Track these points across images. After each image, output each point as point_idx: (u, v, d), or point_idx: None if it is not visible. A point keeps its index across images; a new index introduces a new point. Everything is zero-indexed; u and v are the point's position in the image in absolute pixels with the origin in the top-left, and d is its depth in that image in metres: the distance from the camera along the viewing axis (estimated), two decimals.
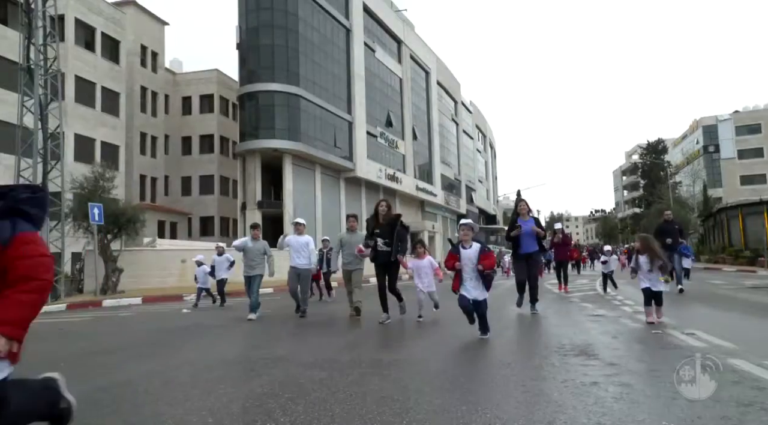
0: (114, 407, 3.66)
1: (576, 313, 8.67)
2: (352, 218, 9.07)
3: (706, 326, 6.62)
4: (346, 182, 38.15)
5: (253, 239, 9.64)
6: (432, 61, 54.22)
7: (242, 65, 33.46)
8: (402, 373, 4.49)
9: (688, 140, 73.45)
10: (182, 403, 3.63)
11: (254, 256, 9.51)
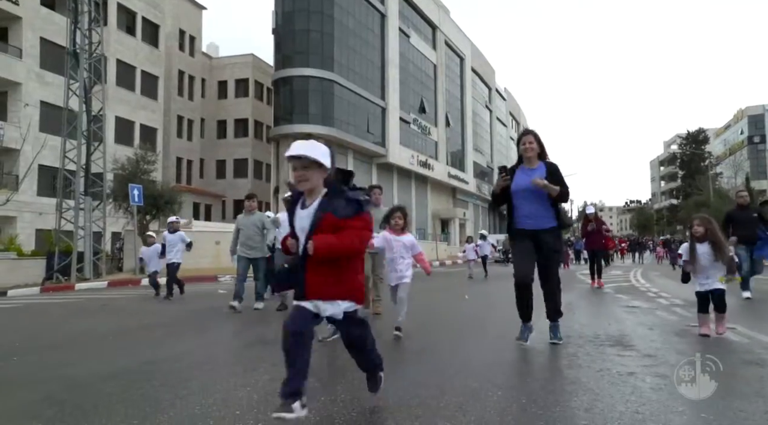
0: (163, 379, 3.84)
1: (610, 304, 8.60)
2: (377, 190, 7.21)
3: (745, 320, 6.50)
4: (378, 168, 38.22)
5: (247, 213, 8.05)
6: (467, 47, 53.57)
7: (277, 50, 33.71)
8: (436, 358, 4.56)
9: (731, 130, 71.06)
10: (227, 379, 3.78)
11: (251, 233, 7.89)
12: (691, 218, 5.65)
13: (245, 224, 7.95)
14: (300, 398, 2.67)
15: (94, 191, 18.03)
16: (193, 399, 3.25)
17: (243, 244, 7.97)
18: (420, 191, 44.04)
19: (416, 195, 43.28)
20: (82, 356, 4.96)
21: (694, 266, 5.40)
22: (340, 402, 3.19)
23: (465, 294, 10.95)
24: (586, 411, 2.99)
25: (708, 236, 5.29)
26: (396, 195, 40.07)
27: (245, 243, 7.96)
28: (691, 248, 5.42)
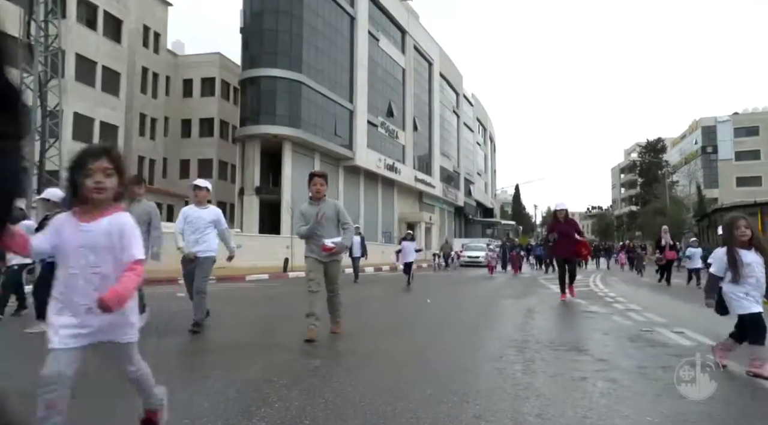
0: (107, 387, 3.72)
1: (568, 309, 8.77)
2: (318, 179, 5.70)
3: (695, 325, 6.71)
4: (345, 171, 38.12)
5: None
6: (435, 52, 54.01)
7: (245, 49, 33.31)
8: (396, 363, 4.57)
9: (687, 140, 73.52)
10: (179, 388, 3.69)
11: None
12: (733, 219, 4.25)
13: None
14: None
15: None
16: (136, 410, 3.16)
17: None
18: (387, 194, 44.12)
19: (383, 199, 43.33)
20: (17, 365, 4.77)
21: (737, 279, 4.06)
22: (293, 409, 3.15)
23: (427, 298, 11.01)
24: (537, 416, 3.03)
25: (753, 242, 4.11)
26: (362, 198, 40.05)
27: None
28: (733, 257, 4.06)
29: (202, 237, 6.19)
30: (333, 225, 5.67)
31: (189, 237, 6.19)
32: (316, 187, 5.66)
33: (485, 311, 8.84)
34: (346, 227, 5.75)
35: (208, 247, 6.23)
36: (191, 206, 6.45)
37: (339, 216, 5.71)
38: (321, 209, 5.59)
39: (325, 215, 5.57)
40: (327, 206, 5.67)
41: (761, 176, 61.19)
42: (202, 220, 6.24)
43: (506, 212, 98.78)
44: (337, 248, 5.62)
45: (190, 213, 6.37)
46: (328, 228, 5.63)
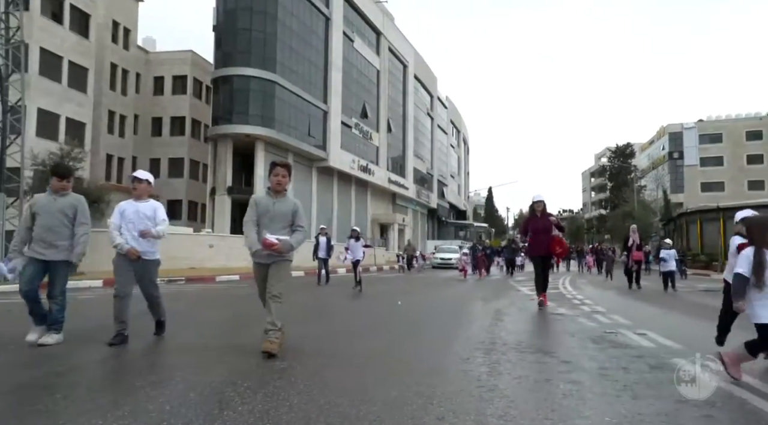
0: (67, 392, 3.63)
1: (537, 312, 8.88)
2: (282, 170, 5.03)
3: (658, 326, 6.88)
4: (318, 172, 37.97)
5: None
6: (410, 54, 54.22)
7: (218, 48, 32.93)
8: (362, 365, 4.56)
9: (654, 145, 75.26)
10: (141, 390, 3.62)
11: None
12: (761, 220, 3.95)
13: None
14: None
15: (9, 187, 16.95)
16: (98, 413, 3.09)
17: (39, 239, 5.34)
18: (360, 195, 44.09)
19: (356, 200, 43.29)
20: None
21: (761, 285, 3.78)
22: (257, 412, 3.12)
23: (398, 300, 11.03)
24: (500, 418, 3.06)
25: None
26: (336, 199, 39.94)
27: (43, 238, 5.35)
28: (761, 260, 3.74)
29: None
30: (284, 224, 4.98)
31: (127, 235, 5.49)
32: (277, 178, 4.97)
33: (454, 313, 8.90)
34: (299, 229, 5.04)
35: (152, 247, 5.63)
36: (129, 200, 5.70)
37: (294, 217, 5.02)
38: (275, 206, 4.96)
39: (279, 211, 4.96)
40: (285, 202, 5.01)
41: (724, 182, 63.01)
42: (140, 215, 5.54)
43: (479, 215, 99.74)
44: (280, 247, 4.79)
45: (126, 208, 5.58)
46: (277, 226, 4.93)
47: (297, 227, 5.03)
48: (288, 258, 5.03)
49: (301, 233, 5.05)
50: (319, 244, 15.59)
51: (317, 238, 15.86)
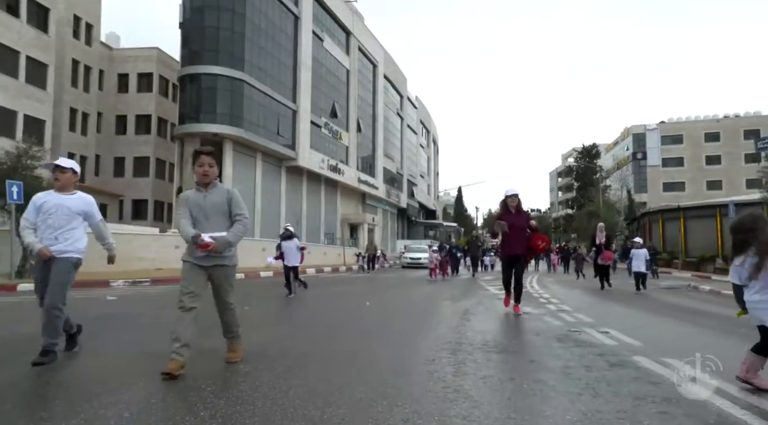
0: (18, 401, 3.52)
1: (502, 310, 8.98)
2: (206, 158, 4.41)
3: (620, 325, 7.04)
4: (288, 172, 37.71)
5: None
6: (380, 54, 54.28)
7: (184, 45, 32.38)
8: (329, 367, 4.54)
9: (619, 146, 77.04)
10: (98, 396, 3.53)
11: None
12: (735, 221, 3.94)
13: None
14: None
15: None
16: (52, 422, 2.99)
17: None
18: (329, 195, 43.94)
19: (326, 200, 43.13)
20: None
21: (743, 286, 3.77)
22: (220, 417, 3.07)
23: (366, 301, 11.03)
24: (464, 418, 3.08)
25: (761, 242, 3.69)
26: (305, 199, 39.72)
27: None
28: (761, 262, 3.62)
29: (64, 233, 4.70)
30: (222, 217, 4.39)
31: (44, 233, 4.66)
32: (203, 169, 4.33)
33: (422, 313, 8.94)
34: (239, 218, 4.43)
35: (71, 245, 4.74)
36: (49, 191, 4.87)
37: (231, 206, 4.43)
38: (207, 199, 4.39)
39: (213, 205, 4.38)
40: (217, 193, 4.43)
41: (684, 182, 64.91)
42: (64, 210, 4.70)
43: (449, 214, 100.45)
44: (216, 246, 4.22)
45: (47, 201, 4.71)
46: (215, 221, 4.35)
47: (236, 217, 4.43)
48: (229, 262, 4.50)
49: (241, 223, 4.44)
50: (286, 249, 15.04)
51: (281, 237, 15.40)
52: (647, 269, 14.87)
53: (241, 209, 4.49)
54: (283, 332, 6.88)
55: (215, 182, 4.49)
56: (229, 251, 4.44)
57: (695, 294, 14.06)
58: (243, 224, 4.46)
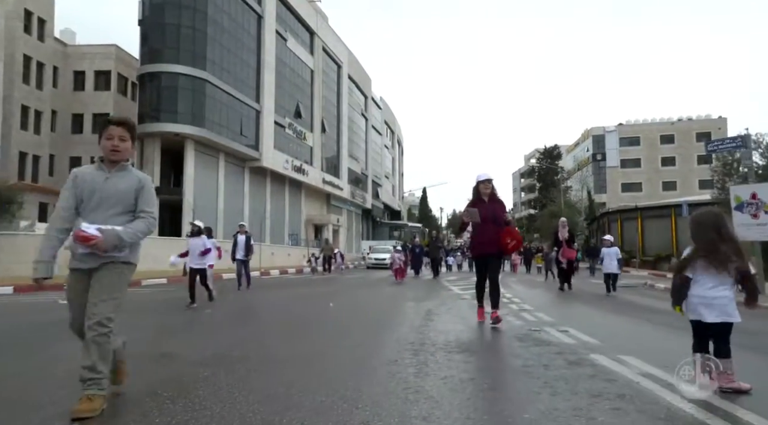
0: None
1: (466, 310, 9.06)
2: (118, 129, 3.45)
3: (579, 323, 7.19)
4: (251, 172, 37.26)
5: None
6: (344, 54, 54.17)
7: (144, 43, 31.67)
8: (290, 370, 4.49)
9: (580, 147, 78.84)
10: (46, 406, 3.40)
11: None
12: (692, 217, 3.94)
13: None
14: None
15: None
16: None
17: None
18: (294, 196, 43.60)
19: (290, 200, 42.78)
20: None
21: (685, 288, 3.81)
22: (175, 423, 3.00)
23: (330, 302, 10.98)
24: (424, 419, 3.09)
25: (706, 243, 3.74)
26: (269, 200, 39.30)
27: None
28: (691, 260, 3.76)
29: None
30: (121, 208, 3.35)
31: None
32: (112, 142, 3.38)
33: (385, 314, 8.95)
34: (143, 216, 3.38)
35: None
36: None
37: (139, 199, 3.39)
38: (108, 182, 3.36)
39: (114, 190, 3.35)
40: (124, 177, 3.40)
41: (641, 183, 66.89)
42: None
43: (413, 215, 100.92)
44: (100, 241, 3.16)
45: None
46: (112, 212, 3.32)
47: (141, 214, 3.37)
48: (123, 259, 3.36)
49: (145, 221, 3.37)
50: (238, 244, 13.98)
51: (236, 237, 14.25)
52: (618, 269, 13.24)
53: (151, 206, 3.44)
54: (246, 334, 6.79)
55: (125, 165, 3.46)
56: (119, 251, 3.31)
57: (651, 292, 14.48)
58: (147, 224, 3.38)
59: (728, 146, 14.14)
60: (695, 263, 3.73)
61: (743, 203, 11.67)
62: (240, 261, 13.90)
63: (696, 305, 3.71)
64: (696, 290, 3.71)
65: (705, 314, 3.65)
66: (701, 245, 3.72)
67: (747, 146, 13.11)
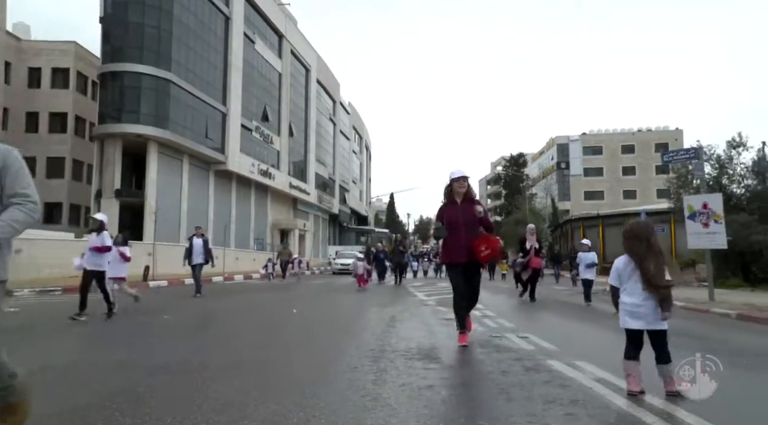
0: None
1: (429, 317, 9.11)
2: None
3: (539, 329, 7.31)
4: (216, 175, 36.69)
5: None
6: (313, 58, 53.98)
7: (106, 41, 30.86)
8: (248, 377, 4.43)
9: (544, 155, 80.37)
10: None
11: None
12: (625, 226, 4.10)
13: None
14: None
15: None
16: None
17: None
18: (260, 200, 43.11)
19: (256, 205, 42.28)
20: None
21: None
22: None
23: (293, 309, 10.88)
24: None
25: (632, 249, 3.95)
26: (234, 204, 38.77)
27: None
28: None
29: None
30: None
31: None
32: None
33: (348, 320, 8.93)
34: (18, 202, 2.54)
35: None
36: None
37: (4, 180, 2.53)
38: None
39: None
40: None
41: (603, 191, 68.58)
42: None
43: (381, 220, 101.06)
44: None
45: None
46: None
47: (14, 199, 2.54)
48: None
49: (22, 209, 2.54)
50: (193, 247, 13.26)
51: (191, 240, 13.55)
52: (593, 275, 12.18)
53: (24, 186, 2.57)
54: (206, 341, 6.67)
55: None
56: None
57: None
58: (25, 212, 2.54)
59: (682, 158, 14.62)
60: (623, 273, 3.93)
61: (695, 213, 12.07)
62: (196, 266, 13.33)
63: (623, 313, 3.90)
64: (624, 299, 3.91)
65: (630, 322, 3.85)
66: (633, 256, 3.88)
67: (699, 158, 13.58)
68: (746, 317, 9.06)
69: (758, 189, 19.23)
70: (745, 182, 19.79)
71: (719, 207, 11.83)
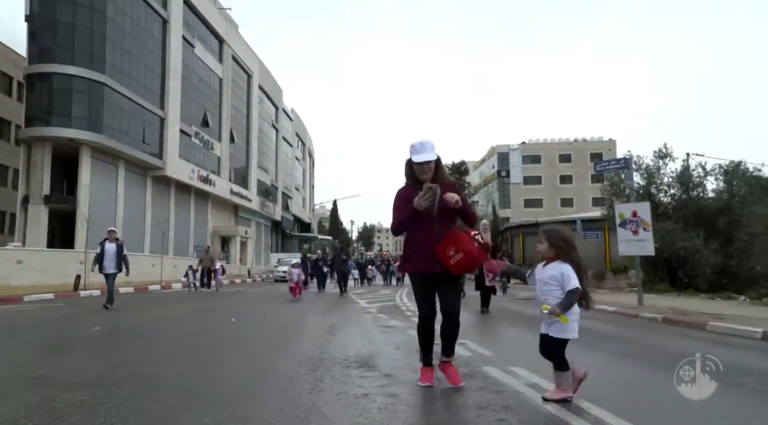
0: None
1: (369, 324, 9.10)
2: None
3: (478, 336, 7.44)
4: (154, 181, 35.49)
5: None
6: (255, 64, 53.25)
7: (32, 41, 29.36)
8: (178, 390, 4.28)
9: (486, 164, 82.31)
10: None
11: None
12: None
13: None
14: None
15: None
16: None
17: None
18: (200, 207, 41.99)
19: (196, 211, 41.15)
20: None
21: None
22: None
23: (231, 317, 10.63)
24: None
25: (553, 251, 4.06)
26: (173, 210, 37.60)
27: None
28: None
29: None
30: None
31: None
32: None
33: (287, 329, 8.80)
34: None
35: None
36: None
37: None
38: None
39: None
40: None
41: (542, 199, 70.86)
42: None
43: (324, 227, 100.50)
44: None
45: None
46: None
47: None
48: None
49: None
50: (105, 253, 11.85)
51: (103, 244, 12.03)
52: None
53: None
54: (134, 353, 6.39)
55: None
56: None
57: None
58: None
59: (613, 167, 15.32)
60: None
61: (626, 221, 12.64)
62: (109, 275, 11.96)
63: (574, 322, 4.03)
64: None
65: (542, 325, 4.07)
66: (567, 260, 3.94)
67: (629, 168, 14.27)
68: (671, 321, 9.57)
69: (683, 198, 20.40)
70: (671, 191, 20.95)
71: (648, 215, 12.44)
